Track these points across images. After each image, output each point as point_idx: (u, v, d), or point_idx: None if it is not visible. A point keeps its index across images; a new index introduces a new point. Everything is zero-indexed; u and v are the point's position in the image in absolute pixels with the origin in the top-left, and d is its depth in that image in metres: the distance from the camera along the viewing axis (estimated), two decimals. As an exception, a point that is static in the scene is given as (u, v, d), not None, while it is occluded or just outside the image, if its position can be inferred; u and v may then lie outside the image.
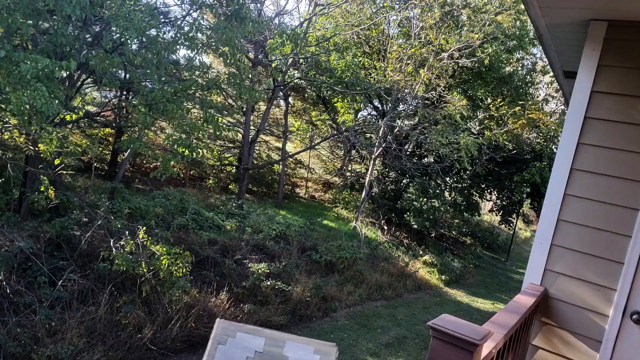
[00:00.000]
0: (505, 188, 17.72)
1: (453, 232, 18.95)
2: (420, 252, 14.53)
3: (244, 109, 14.42)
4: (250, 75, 12.07)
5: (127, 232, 7.35)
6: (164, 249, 7.14)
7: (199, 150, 8.09)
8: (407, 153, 15.77)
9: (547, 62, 4.06)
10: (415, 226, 15.85)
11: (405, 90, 13.89)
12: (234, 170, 17.44)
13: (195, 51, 8.36)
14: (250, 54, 13.61)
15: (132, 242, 7.07)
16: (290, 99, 17.88)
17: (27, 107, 5.52)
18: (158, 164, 8.63)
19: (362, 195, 15.12)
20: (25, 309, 6.02)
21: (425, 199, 15.87)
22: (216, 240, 9.51)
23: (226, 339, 0.55)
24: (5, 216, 7.15)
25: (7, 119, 7.49)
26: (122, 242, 7.10)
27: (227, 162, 18.01)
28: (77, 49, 7.42)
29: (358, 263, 11.54)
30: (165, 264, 6.94)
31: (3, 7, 5.69)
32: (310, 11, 13.46)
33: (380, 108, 17.20)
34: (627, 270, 2.50)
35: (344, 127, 16.75)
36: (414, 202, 15.86)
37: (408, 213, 15.93)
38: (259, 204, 14.58)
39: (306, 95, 17.97)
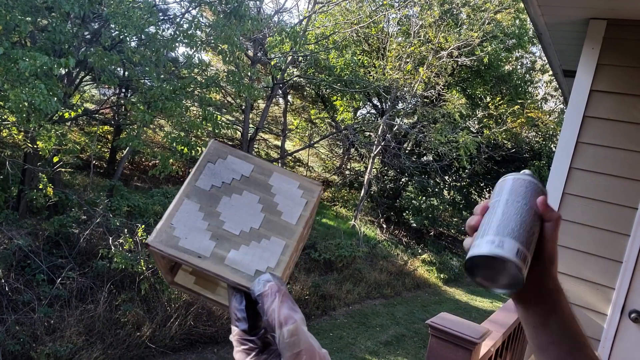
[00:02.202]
0: (504, 187, 17.72)
1: (452, 231, 18.97)
2: (419, 251, 14.55)
3: (243, 107, 14.41)
4: (249, 73, 12.04)
5: (125, 230, 7.34)
6: (163, 247, 7.12)
7: (197, 148, 8.09)
8: (406, 151, 15.78)
9: (547, 61, 4.06)
10: (414, 224, 15.86)
11: (405, 89, 13.89)
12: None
13: (194, 49, 8.35)
14: (249, 51, 13.59)
15: (130, 240, 7.06)
16: (289, 97, 17.87)
17: (26, 104, 5.51)
18: (157, 161, 8.62)
19: (361, 194, 15.12)
20: (24, 306, 6.02)
21: (424, 198, 15.88)
22: (215, 238, 9.50)
23: (217, 159, 0.56)
24: (3, 214, 7.14)
25: (5, 117, 7.48)
26: (120, 240, 7.09)
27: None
28: (76, 46, 7.40)
29: (357, 261, 11.55)
30: (164, 262, 6.93)
31: (1, 4, 5.67)
32: (309, 9, 13.44)
33: (379, 106, 17.20)
34: (625, 269, 2.51)
35: (343, 125, 16.75)
36: (413, 201, 15.87)
37: (407, 211, 15.94)
38: (258, 202, 14.54)
39: (305, 93, 17.96)
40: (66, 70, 6.89)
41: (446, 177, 17.45)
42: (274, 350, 0.47)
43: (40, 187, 7.15)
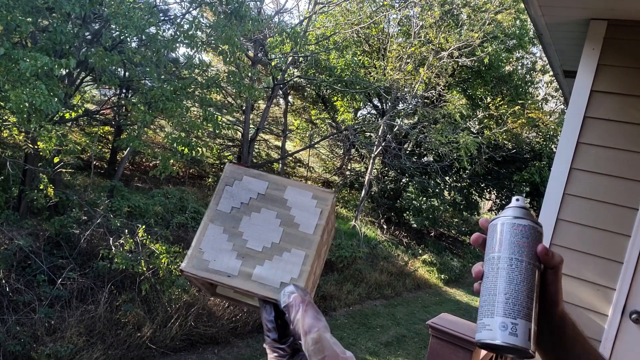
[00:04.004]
0: (504, 187, 17.73)
1: (452, 231, 18.96)
2: (420, 251, 14.55)
3: (244, 108, 14.41)
4: (249, 74, 12.05)
5: (126, 231, 7.34)
6: (164, 248, 7.13)
7: (198, 148, 8.09)
8: (407, 152, 15.77)
9: (547, 62, 4.06)
10: (415, 225, 15.86)
11: (405, 89, 13.88)
12: (233, 169, 17.40)
13: (195, 49, 8.35)
14: (249, 52, 13.59)
15: (131, 240, 7.06)
16: (289, 98, 17.87)
17: (27, 105, 5.51)
18: (157, 162, 8.63)
19: (362, 194, 15.12)
20: (24, 307, 6.02)
21: (424, 198, 15.87)
22: (215, 238, 9.49)
23: (233, 181, 0.60)
24: (4, 214, 7.14)
25: (6, 117, 7.48)
26: (121, 241, 7.09)
27: (226, 160, 18.00)
28: (77, 46, 7.41)
29: (357, 262, 11.55)
30: (164, 263, 6.94)
31: (2, 5, 5.68)
32: (310, 9, 13.45)
33: (379, 107, 17.20)
34: (626, 270, 2.51)
35: (344, 125, 16.75)
36: (414, 201, 15.87)
37: (407, 212, 15.93)
38: (259, 202, 14.53)
39: (306, 93, 17.96)
40: (67, 70, 6.89)
41: (447, 178, 17.44)
42: (302, 355, 0.50)
43: (41, 187, 7.15)
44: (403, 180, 16.77)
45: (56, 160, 7.39)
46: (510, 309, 0.62)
